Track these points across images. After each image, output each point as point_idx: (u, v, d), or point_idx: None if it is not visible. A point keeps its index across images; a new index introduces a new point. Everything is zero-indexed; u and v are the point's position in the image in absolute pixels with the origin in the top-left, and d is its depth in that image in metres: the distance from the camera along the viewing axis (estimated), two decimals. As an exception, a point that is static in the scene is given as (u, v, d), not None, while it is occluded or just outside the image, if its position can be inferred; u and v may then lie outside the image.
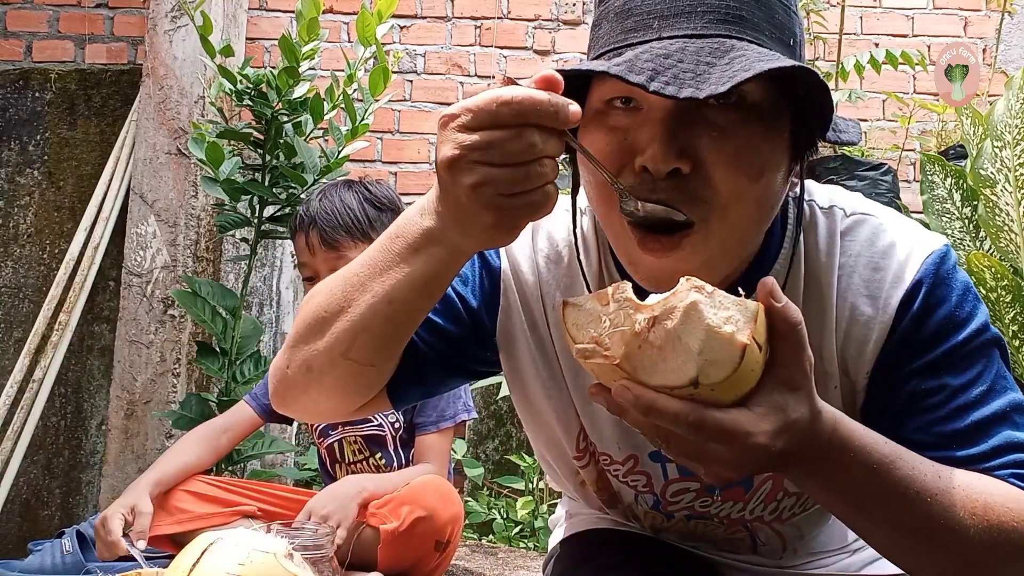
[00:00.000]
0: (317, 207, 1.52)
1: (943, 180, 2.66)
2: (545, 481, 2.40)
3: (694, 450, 0.58)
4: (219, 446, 1.58)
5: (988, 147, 2.45)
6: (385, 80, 1.95)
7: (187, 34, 2.69)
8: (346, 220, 1.50)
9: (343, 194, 1.54)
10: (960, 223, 2.64)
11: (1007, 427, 0.70)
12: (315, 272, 1.52)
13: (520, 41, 3.23)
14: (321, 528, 1.13)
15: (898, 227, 0.77)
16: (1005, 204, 2.43)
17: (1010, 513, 0.65)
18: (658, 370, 0.57)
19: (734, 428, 0.56)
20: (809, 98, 0.65)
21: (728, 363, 0.56)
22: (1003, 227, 2.44)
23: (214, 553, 0.77)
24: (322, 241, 1.50)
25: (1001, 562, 0.66)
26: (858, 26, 3.24)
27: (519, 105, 0.57)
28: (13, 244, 2.96)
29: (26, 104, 3.02)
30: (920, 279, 0.73)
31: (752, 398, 0.58)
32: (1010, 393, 0.72)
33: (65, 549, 1.47)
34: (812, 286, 0.76)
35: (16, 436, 2.63)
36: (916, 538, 0.65)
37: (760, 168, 0.66)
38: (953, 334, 0.73)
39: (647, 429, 0.58)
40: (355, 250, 1.46)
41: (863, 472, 0.62)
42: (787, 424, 0.58)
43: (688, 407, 0.56)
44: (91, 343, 2.89)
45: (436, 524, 1.36)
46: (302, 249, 1.54)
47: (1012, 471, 0.68)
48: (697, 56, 0.62)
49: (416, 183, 3.16)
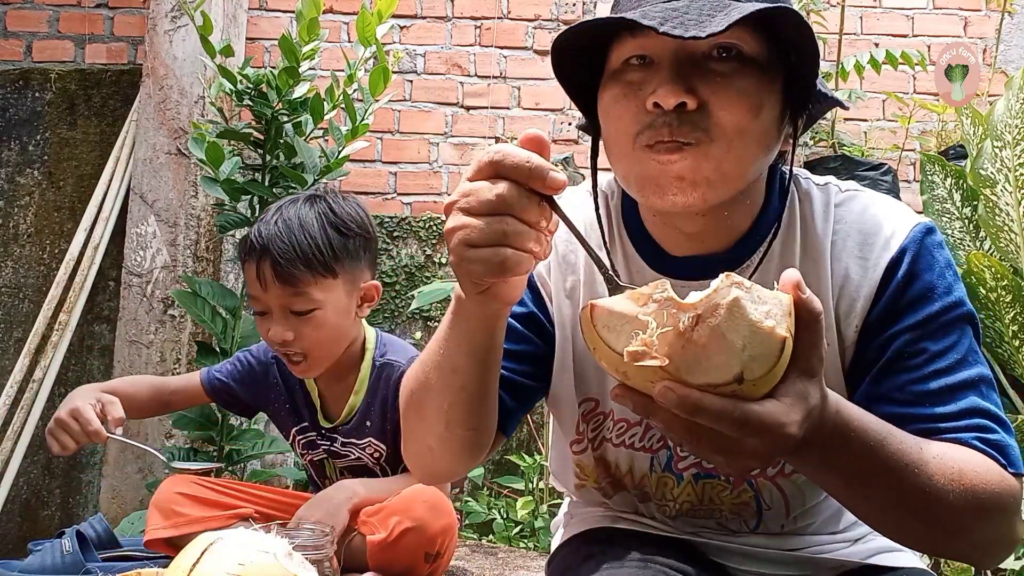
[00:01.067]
0: (272, 231, 1.29)
1: (943, 180, 2.66)
2: (545, 481, 2.40)
3: (729, 445, 0.59)
4: (168, 402, 1.53)
5: (988, 147, 2.45)
6: (385, 80, 1.95)
7: (187, 34, 2.69)
8: (306, 250, 1.28)
9: (303, 215, 1.32)
10: (960, 223, 2.64)
11: (974, 394, 0.77)
12: (267, 308, 1.33)
13: (520, 41, 3.23)
14: (321, 528, 1.13)
15: (888, 202, 0.86)
16: (1005, 204, 2.43)
17: (980, 476, 0.72)
18: (701, 368, 0.56)
19: (772, 420, 0.58)
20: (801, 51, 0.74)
21: (770, 357, 0.56)
22: (1003, 227, 2.44)
23: (214, 553, 0.77)
24: (276, 275, 1.28)
25: (975, 521, 0.72)
26: (858, 26, 3.24)
27: (499, 160, 0.62)
28: (13, 244, 2.96)
29: (26, 104, 3.02)
30: (906, 246, 0.81)
31: (779, 388, 0.59)
32: (979, 366, 0.80)
33: (65, 549, 1.47)
34: (809, 248, 0.83)
35: (16, 436, 2.63)
36: (906, 507, 0.70)
37: (757, 108, 0.75)
38: (934, 301, 0.79)
39: (680, 428, 0.59)
40: (316, 286, 1.30)
41: (860, 449, 0.67)
42: (809, 411, 0.60)
43: (732, 404, 0.57)
44: (91, 343, 2.89)
45: (425, 536, 1.28)
46: (252, 281, 1.32)
47: (976, 434, 0.76)
48: (700, 9, 0.71)
49: (416, 183, 3.17)
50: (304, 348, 1.33)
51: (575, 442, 0.94)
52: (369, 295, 1.39)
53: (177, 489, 1.43)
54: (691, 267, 0.84)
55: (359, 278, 1.38)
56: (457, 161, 3.18)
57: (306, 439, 1.53)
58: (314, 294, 1.31)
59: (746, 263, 0.84)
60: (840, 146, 3.04)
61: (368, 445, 1.46)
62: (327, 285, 1.32)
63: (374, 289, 1.40)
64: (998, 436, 0.76)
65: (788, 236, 0.84)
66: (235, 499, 1.47)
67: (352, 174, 3.07)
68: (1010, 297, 2.32)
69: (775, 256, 0.84)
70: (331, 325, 1.34)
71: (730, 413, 0.56)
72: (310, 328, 1.32)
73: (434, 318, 2.78)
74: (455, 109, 3.21)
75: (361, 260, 1.38)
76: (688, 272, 0.84)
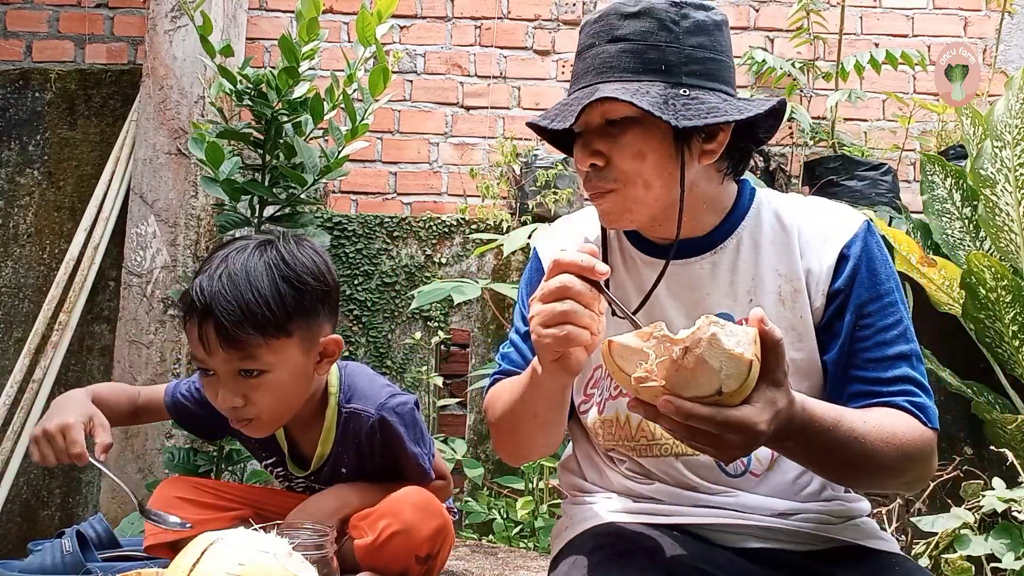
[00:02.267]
0: (215, 288, 1.15)
1: (943, 180, 2.66)
2: (545, 481, 2.40)
3: (716, 441, 0.80)
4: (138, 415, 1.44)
5: (988, 147, 2.45)
6: (385, 80, 1.95)
7: (187, 34, 2.69)
8: (254, 310, 1.15)
9: (251, 267, 1.18)
10: (960, 223, 2.64)
11: (906, 364, 1.01)
12: (212, 369, 1.19)
13: (520, 41, 3.23)
14: (321, 528, 1.12)
15: (837, 205, 1.10)
16: (1005, 204, 2.43)
17: (907, 436, 0.95)
18: (690, 386, 0.77)
19: (746, 420, 0.78)
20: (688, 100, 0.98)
21: (741, 375, 0.77)
22: (1003, 227, 2.44)
23: (214, 553, 0.77)
24: (221, 339, 1.15)
25: (904, 468, 0.96)
26: (858, 26, 3.24)
27: (565, 262, 0.89)
28: (13, 244, 2.96)
29: (26, 104, 3.02)
30: (858, 233, 1.04)
31: (752, 396, 0.79)
32: (912, 343, 1.03)
33: (65, 549, 1.47)
34: (779, 228, 1.07)
35: (16, 436, 2.63)
36: (855, 467, 0.94)
37: (641, 154, 0.99)
38: (882, 282, 1.03)
39: (679, 429, 0.80)
40: (266, 348, 1.17)
41: (822, 433, 0.88)
42: (776, 412, 0.81)
43: (715, 410, 0.78)
44: (91, 343, 2.89)
45: (415, 539, 1.23)
46: (195, 342, 1.18)
47: (905, 397, 0.99)
48: (575, 100, 0.99)
49: (416, 183, 3.17)
50: (254, 414, 1.22)
51: (583, 402, 1.15)
52: (329, 351, 1.27)
53: (174, 493, 1.40)
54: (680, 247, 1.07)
55: (317, 333, 1.25)
56: (457, 161, 3.18)
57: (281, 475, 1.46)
58: (265, 357, 1.18)
59: (720, 245, 1.07)
60: (840, 146, 3.04)
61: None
62: (279, 346, 1.19)
63: (334, 344, 1.27)
64: (921, 399, 1.00)
65: (756, 227, 1.07)
66: (232, 502, 1.44)
67: (352, 174, 3.08)
68: (1010, 297, 2.32)
69: (744, 240, 1.07)
70: (284, 388, 1.22)
71: (714, 417, 0.77)
72: (260, 393, 1.20)
73: (433, 318, 2.78)
74: (455, 109, 3.21)
75: (319, 315, 1.24)
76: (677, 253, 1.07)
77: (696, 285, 1.07)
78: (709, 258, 1.07)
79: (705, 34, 1.01)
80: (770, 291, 1.04)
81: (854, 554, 1.03)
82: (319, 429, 1.35)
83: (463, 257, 2.84)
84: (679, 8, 1.01)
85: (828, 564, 1.01)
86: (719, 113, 0.96)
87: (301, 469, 1.41)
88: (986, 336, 2.45)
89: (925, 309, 2.66)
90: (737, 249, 1.07)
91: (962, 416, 2.60)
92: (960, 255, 2.59)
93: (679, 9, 1.01)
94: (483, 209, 2.95)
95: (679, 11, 1.01)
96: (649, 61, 0.99)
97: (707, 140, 1.01)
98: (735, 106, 0.99)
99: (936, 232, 2.67)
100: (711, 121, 0.95)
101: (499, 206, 3.00)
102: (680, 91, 0.98)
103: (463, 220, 2.87)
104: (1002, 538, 1.96)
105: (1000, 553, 1.93)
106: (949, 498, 2.40)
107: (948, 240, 2.65)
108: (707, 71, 1.00)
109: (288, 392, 1.23)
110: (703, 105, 0.96)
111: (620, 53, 1.00)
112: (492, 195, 2.98)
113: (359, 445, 1.34)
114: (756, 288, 1.05)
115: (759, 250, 1.06)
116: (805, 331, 1.03)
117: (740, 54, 3.15)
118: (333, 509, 1.32)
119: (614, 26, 1.01)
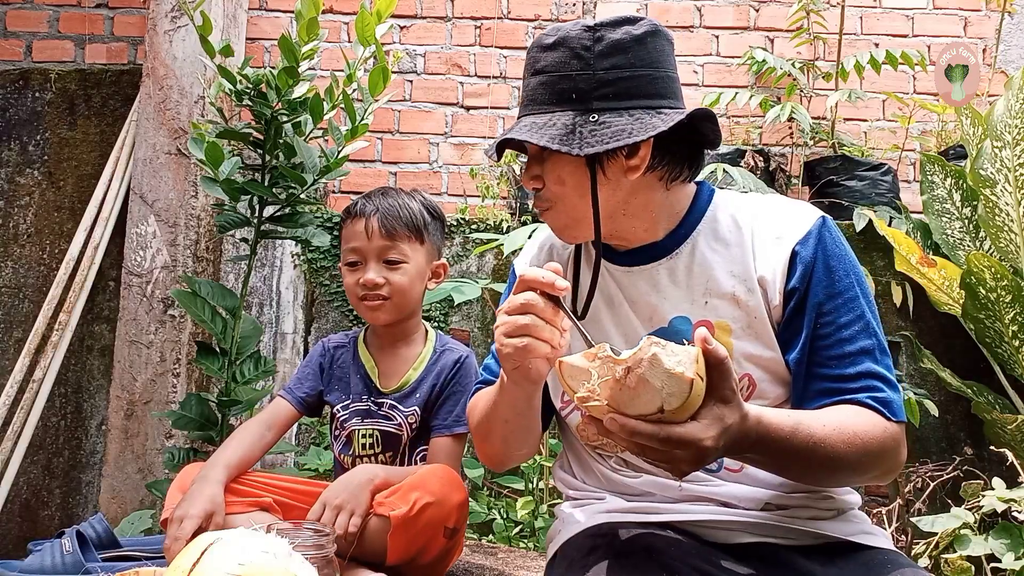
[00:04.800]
0: (380, 201, 1.61)
1: (943, 180, 2.66)
2: (545, 481, 2.40)
3: (664, 456, 0.83)
4: (265, 442, 1.62)
5: (988, 147, 2.45)
6: (385, 80, 1.95)
7: (187, 34, 2.69)
8: (406, 215, 1.60)
9: (403, 196, 1.65)
10: (960, 223, 2.64)
11: (869, 360, 1.02)
12: (363, 257, 1.59)
13: (520, 41, 3.23)
14: (321, 528, 1.13)
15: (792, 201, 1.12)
16: (1005, 204, 2.43)
17: (869, 434, 0.97)
18: (634, 404, 0.81)
19: (690, 437, 0.81)
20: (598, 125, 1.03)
21: (682, 394, 0.80)
22: (1003, 227, 2.44)
23: (214, 553, 0.77)
24: (382, 227, 1.58)
25: (867, 466, 0.99)
26: (858, 26, 3.24)
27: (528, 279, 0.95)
28: (13, 244, 2.96)
29: (26, 104, 3.02)
30: (811, 231, 1.06)
31: (699, 413, 0.82)
32: (874, 337, 1.03)
33: (65, 549, 1.47)
34: (735, 229, 1.09)
35: (16, 436, 2.63)
36: (817, 471, 0.97)
37: (560, 179, 1.07)
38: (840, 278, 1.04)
39: (629, 445, 0.83)
40: (407, 244, 1.59)
41: (780, 442, 0.91)
42: (725, 428, 0.83)
43: (657, 427, 0.81)
44: (91, 343, 2.89)
45: (444, 509, 1.39)
46: (358, 233, 1.59)
47: (868, 393, 1.00)
48: (512, 132, 1.05)
49: (416, 183, 3.16)
50: (388, 292, 1.58)
51: (563, 408, 1.19)
52: (437, 272, 1.67)
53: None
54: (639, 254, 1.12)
55: (434, 255, 1.67)
56: (457, 161, 3.18)
57: (349, 411, 1.65)
58: (406, 250, 1.59)
59: (676, 250, 1.11)
60: (840, 146, 3.04)
61: (412, 413, 1.62)
62: (415, 247, 1.61)
63: (442, 267, 1.69)
64: (884, 394, 1.01)
65: (712, 229, 1.10)
66: (254, 488, 1.51)
67: (352, 174, 3.07)
68: (1010, 297, 2.32)
69: (700, 244, 1.10)
70: (411, 280, 1.60)
71: (656, 434, 0.81)
72: (397, 276, 1.58)
73: (433, 317, 2.78)
74: (455, 109, 3.21)
75: (437, 240, 1.68)
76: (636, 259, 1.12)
77: (654, 291, 1.10)
78: (666, 263, 1.10)
79: (621, 53, 1.04)
80: (726, 293, 1.06)
81: (846, 550, 1.03)
82: (407, 357, 1.67)
83: (463, 257, 2.84)
84: (593, 32, 1.05)
85: (820, 560, 1.02)
86: (623, 136, 1.01)
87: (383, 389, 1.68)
88: (986, 336, 2.45)
89: (925, 309, 2.66)
90: (692, 253, 1.10)
91: (962, 416, 2.60)
92: (960, 255, 2.59)
93: (593, 33, 1.05)
94: (483, 209, 2.95)
95: (593, 35, 1.04)
96: (561, 92, 1.05)
97: (629, 156, 1.05)
98: (646, 124, 1.02)
99: (936, 232, 2.67)
100: (612, 146, 1.00)
101: (499, 206, 3.01)
102: (590, 117, 1.02)
103: (463, 220, 2.87)
104: (1002, 538, 1.96)
105: (1000, 553, 1.93)
106: (949, 498, 2.40)
107: (948, 240, 2.65)
108: (621, 91, 1.03)
109: (412, 285, 1.60)
110: (609, 129, 1.01)
111: (538, 86, 1.07)
112: (492, 195, 2.98)
113: (439, 375, 1.63)
114: (711, 290, 1.07)
115: (714, 252, 1.09)
116: (762, 330, 1.05)
117: (740, 54, 3.15)
118: (365, 481, 1.45)
119: (536, 59, 1.08)
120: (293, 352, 2.84)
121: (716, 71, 3.22)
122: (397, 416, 1.62)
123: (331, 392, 1.69)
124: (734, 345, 1.05)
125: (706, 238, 1.10)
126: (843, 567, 1.00)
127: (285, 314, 2.86)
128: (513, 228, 2.77)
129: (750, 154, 2.98)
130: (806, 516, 1.05)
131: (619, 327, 1.12)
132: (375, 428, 1.62)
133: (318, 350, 1.74)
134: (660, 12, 3.23)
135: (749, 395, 1.06)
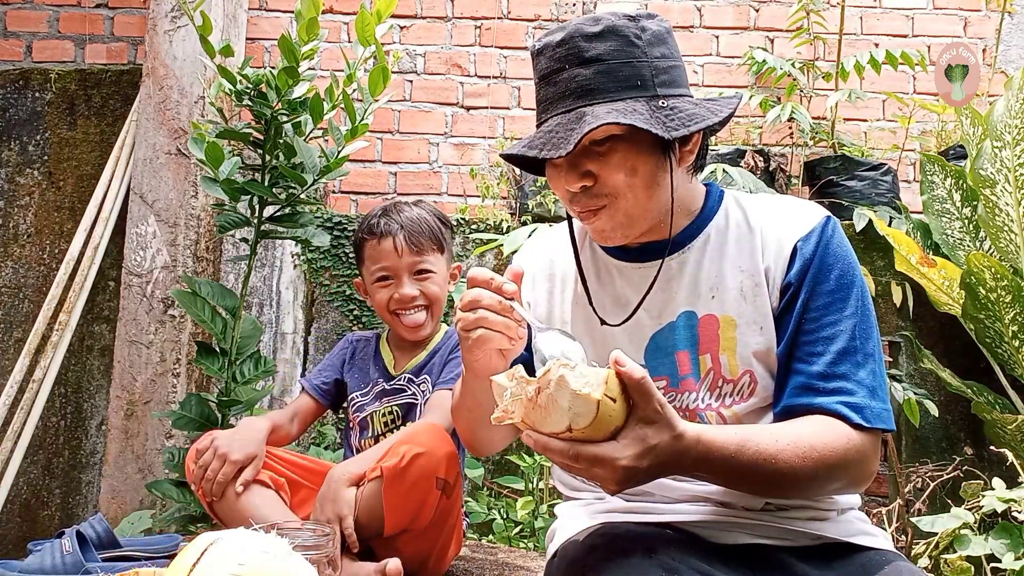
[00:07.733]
0: (399, 217, 1.72)
1: (943, 180, 2.66)
2: (545, 481, 2.40)
3: (585, 473, 0.86)
4: (291, 432, 1.74)
5: (988, 147, 2.45)
6: (385, 80, 1.95)
7: (187, 34, 2.69)
8: (426, 228, 1.72)
9: (416, 209, 1.76)
10: (960, 223, 2.64)
11: (847, 362, 1.01)
12: (395, 273, 1.70)
13: (520, 41, 3.23)
14: (321, 528, 1.13)
15: (798, 201, 1.12)
16: (1005, 204, 2.43)
17: (828, 446, 0.96)
18: (545, 422, 0.84)
19: (603, 456, 0.83)
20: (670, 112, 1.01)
21: (589, 414, 0.81)
22: (1003, 227, 2.44)
23: (214, 553, 0.77)
24: (409, 243, 1.69)
25: (826, 480, 0.98)
26: (858, 26, 3.24)
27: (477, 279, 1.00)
28: (13, 244, 2.96)
29: (26, 104, 3.02)
30: (814, 229, 1.06)
31: (620, 432, 0.84)
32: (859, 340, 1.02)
33: (65, 549, 1.47)
34: (745, 227, 1.10)
35: (16, 436, 2.63)
36: (771, 486, 0.97)
37: (632, 169, 1.03)
38: (834, 279, 1.04)
39: (554, 459, 0.86)
40: (432, 255, 1.72)
41: (724, 460, 0.91)
42: (649, 448, 0.84)
43: (567, 445, 0.83)
44: (91, 343, 2.89)
45: (434, 459, 1.43)
46: (386, 252, 1.69)
47: (839, 397, 1.00)
48: (561, 127, 1.01)
49: (415, 183, 3.17)
50: (425, 302, 1.71)
51: None
52: (454, 274, 1.81)
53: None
54: (651, 250, 1.12)
55: (451, 259, 1.81)
56: (457, 161, 3.18)
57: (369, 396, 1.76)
58: (432, 261, 1.72)
59: (688, 245, 1.11)
60: (840, 146, 3.04)
61: (423, 381, 1.74)
62: (438, 257, 1.74)
63: (457, 269, 1.82)
64: (856, 400, 0.99)
65: (723, 226, 1.11)
66: (276, 462, 1.59)
67: (352, 174, 3.08)
68: (1010, 297, 2.32)
69: (711, 239, 1.11)
70: (440, 287, 1.73)
71: (566, 451, 0.83)
72: (429, 286, 1.71)
73: (434, 318, 2.78)
74: (455, 109, 3.21)
75: (451, 246, 1.81)
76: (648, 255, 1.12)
77: (665, 286, 1.10)
78: (677, 258, 1.11)
79: (663, 43, 1.05)
80: (732, 287, 1.07)
81: (844, 551, 1.03)
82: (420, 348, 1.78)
83: (463, 257, 2.84)
84: (636, 21, 1.04)
85: (819, 561, 1.01)
86: (699, 119, 1.01)
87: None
88: (986, 336, 2.45)
89: (925, 309, 2.66)
90: (703, 248, 1.11)
91: (962, 416, 2.60)
92: (960, 255, 2.59)
93: (636, 23, 1.04)
94: (483, 209, 2.95)
95: (637, 24, 1.04)
96: (625, 79, 1.02)
97: (683, 144, 1.06)
98: (709, 109, 1.03)
99: (936, 232, 2.67)
100: (694, 128, 1.00)
101: (499, 206, 3.01)
102: (659, 103, 1.02)
103: (463, 220, 2.87)
104: (1002, 538, 1.96)
105: (1000, 553, 1.93)
106: (949, 498, 2.41)
107: (948, 240, 2.65)
108: (672, 79, 1.05)
109: (442, 293, 1.74)
110: (682, 113, 1.01)
111: (596, 75, 1.02)
112: (492, 195, 2.98)
113: (446, 350, 1.75)
114: (718, 284, 1.08)
115: (724, 248, 1.10)
116: (766, 324, 1.06)
117: (740, 54, 3.15)
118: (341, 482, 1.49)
119: (582, 48, 1.03)
120: (293, 352, 2.84)
121: (716, 71, 3.23)
122: (411, 388, 1.73)
123: (351, 379, 1.80)
124: (738, 340, 1.05)
125: (718, 234, 1.11)
126: (841, 569, 0.99)
127: (285, 314, 2.86)
128: (513, 228, 2.77)
129: (750, 154, 2.98)
130: (805, 517, 1.05)
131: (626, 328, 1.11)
132: (393, 404, 1.73)
133: (342, 343, 1.88)
134: (660, 12, 3.23)
135: (750, 392, 1.05)
